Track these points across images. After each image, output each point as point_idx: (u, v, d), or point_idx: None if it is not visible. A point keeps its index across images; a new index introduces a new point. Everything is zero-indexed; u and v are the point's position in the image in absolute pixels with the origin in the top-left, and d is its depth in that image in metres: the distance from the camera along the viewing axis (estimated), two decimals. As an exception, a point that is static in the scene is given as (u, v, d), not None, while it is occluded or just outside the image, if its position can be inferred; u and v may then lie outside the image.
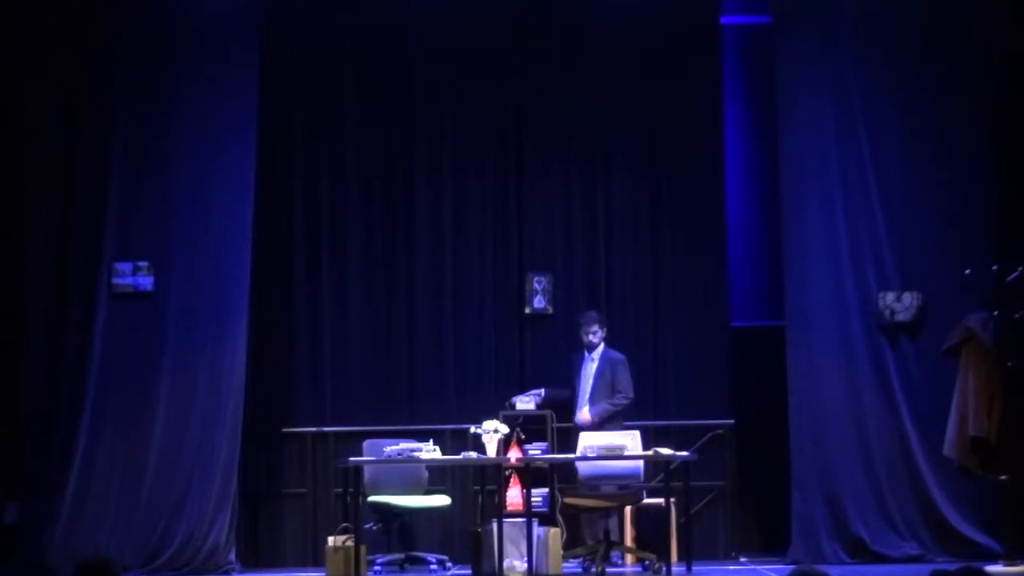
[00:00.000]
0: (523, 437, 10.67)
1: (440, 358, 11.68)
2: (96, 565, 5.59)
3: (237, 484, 11.02)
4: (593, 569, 10.41)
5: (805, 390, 11.22)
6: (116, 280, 11.15)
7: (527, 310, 11.74)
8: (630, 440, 10.51)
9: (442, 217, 11.77)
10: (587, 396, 11.05)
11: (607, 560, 10.53)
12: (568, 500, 10.64)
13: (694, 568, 10.30)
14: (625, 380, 11.04)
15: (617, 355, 11.13)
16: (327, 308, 11.66)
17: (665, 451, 10.38)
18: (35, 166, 11.23)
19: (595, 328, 11.07)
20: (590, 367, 11.09)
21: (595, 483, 10.70)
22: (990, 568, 9.18)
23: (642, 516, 11.01)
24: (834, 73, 11.43)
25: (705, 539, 11.43)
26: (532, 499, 10.26)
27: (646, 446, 10.59)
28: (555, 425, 10.91)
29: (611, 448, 10.37)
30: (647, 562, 10.62)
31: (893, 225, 11.35)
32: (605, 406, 10.97)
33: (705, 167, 11.79)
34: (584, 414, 10.99)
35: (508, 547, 10.07)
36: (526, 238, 11.82)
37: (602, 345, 11.11)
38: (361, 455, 10.82)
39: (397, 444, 10.53)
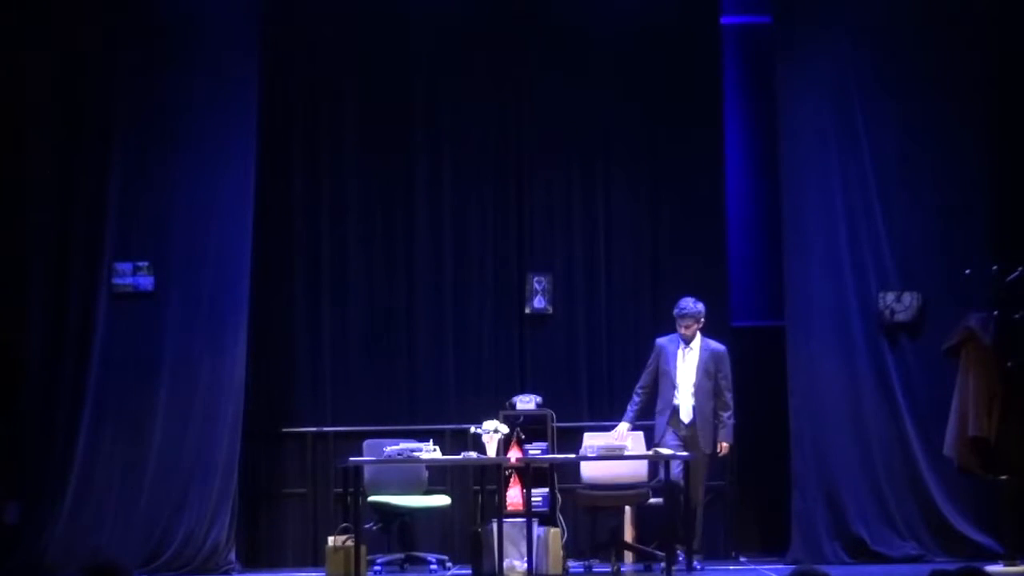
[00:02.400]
0: (523, 437, 10.67)
1: (440, 358, 11.68)
2: (104, 569, 5.57)
3: (237, 484, 11.02)
4: (609, 569, 10.39)
5: (805, 390, 11.23)
6: (116, 280, 11.15)
7: (527, 310, 11.74)
8: (631, 440, 10.50)
9: (442, 217, 11.78)
10: (690, 391, 10.57)
11: (622, 559, 10.52)
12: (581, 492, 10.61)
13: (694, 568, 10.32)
14: (729, 379, 10.58)
15: (719, 347, 10.67)
16: (327, 308, 11.67)
17: (665, 451, 10.38)
18: (35, 166, 11.23)
19: (690, 323, 10.55)
20: (689, 357, 10.60)
21: (598, 483, 10.69)
22: (990, 568, 9.20)
23: (643, 516, 10.99)
24: (834, 73, 11.43)
25: (705, 539, 11.40)
26: (532, 499, 10.26)
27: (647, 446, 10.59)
28: (555, 425, 10.91)
29: (612, 448, 10.37)
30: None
31: (893, 225, 11.36)
32: (728, 428, 10.54)
33: (705, 167, 11.79)
34: (724, 447, 10.55)
35: (508, 547, 10.07)
36: (526, 238, 11.82)
37: (699, 335, 10.67)
38: (361, 455, 10.82)
39: (397, 444, 10.52)
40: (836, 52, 11.44)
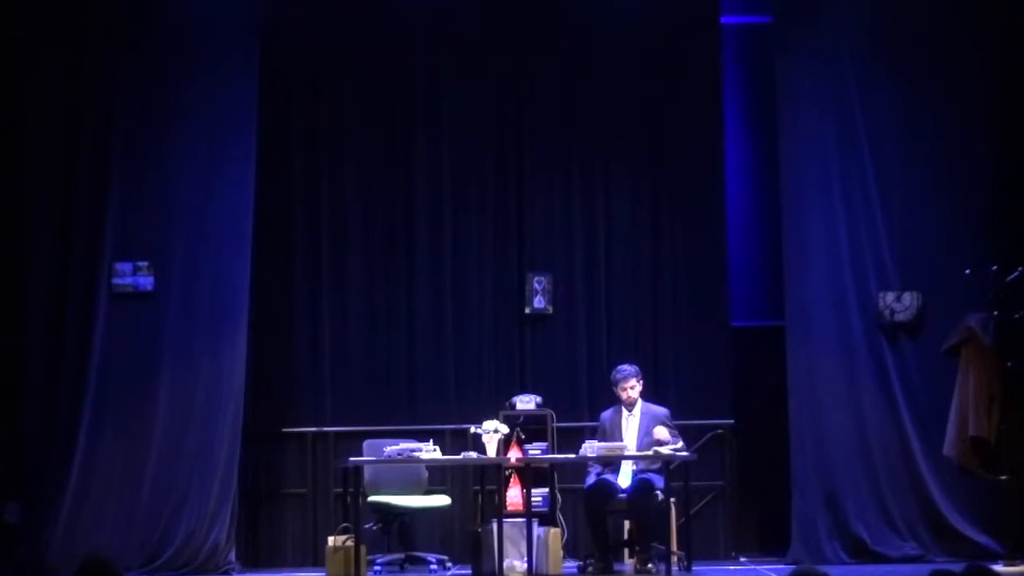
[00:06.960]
0: (523, 437, 10.68)
1: (440, 358, 11.68)
2: (96, 566, 5.58)
3: (237, 484, 11.02)
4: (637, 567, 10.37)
5: (805, 390, 11.23)
6: (116, 280, 11.15)
7: (527, 310, 11.74)
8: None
9: (442, 217, 11.78)
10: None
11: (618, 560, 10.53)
12: None
13: (694, 568, 10.30)
14: (677, 435, 10.40)
15: (660, 409, 10.63)
16: (327, 308, 11.67)
17: (665, 451, 10.37)
18: (35, 166, 11.24)
19: (633, 383, 10.51)
20: (632, 423, 10.55)
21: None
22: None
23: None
24: (834, 73, 11.43)
25: (705, 539, 11.41)
26: (532, 499, 10.26)
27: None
28: (555, 425, 10.90)
29: (611, 449, 10.36)
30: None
31: (893, 225, 11.36)
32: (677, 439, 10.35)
33: (705, 167, 11.79)
34: (663, 432, 10.28)
35: (508, 547, 10.07)
36: (526, 238, 11.82)
37: (640, 400, 10.63)
38: (361, 455, 10.82)
39: (397, 444, 10.53)
40: (836, 52, 11.44)
